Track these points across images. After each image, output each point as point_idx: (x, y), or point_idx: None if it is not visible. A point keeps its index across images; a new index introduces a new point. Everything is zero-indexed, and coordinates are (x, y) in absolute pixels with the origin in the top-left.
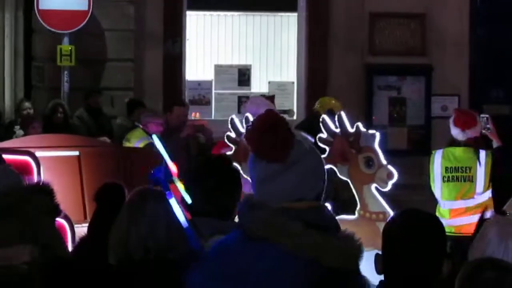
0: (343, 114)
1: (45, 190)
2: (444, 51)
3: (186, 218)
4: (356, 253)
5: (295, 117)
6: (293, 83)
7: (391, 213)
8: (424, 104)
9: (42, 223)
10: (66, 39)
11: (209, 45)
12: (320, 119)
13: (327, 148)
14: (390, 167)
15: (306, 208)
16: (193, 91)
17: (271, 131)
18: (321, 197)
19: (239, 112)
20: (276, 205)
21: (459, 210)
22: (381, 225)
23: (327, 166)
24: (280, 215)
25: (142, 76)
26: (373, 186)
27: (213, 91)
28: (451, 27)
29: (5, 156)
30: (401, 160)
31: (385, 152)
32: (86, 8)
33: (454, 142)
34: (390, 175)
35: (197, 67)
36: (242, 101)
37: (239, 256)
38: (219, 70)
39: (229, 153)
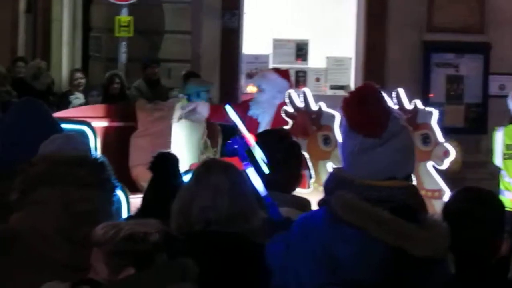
0: (401, 91)
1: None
2: (503, 29)
3: (265, 187)
4: (442, 243)
5: None
6: (350, 58)
7: (447, 191)
8: (482, 83)
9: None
10: (124, 10)
11: (267, 18)
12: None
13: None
14: (447, 144)
15: (397, 187)
16: (250, 65)
17: (369, 103)
18: (411, 177)
19: (296, 86)
20: (367, 182)
21: None
22: (437, 203)
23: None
24: (370, 196)
25: (199, 48)
26: (430, 163)
27: (271, 65)
28: (510, 6)
29: (62, 125)
30: (457, 138)
31: (442, 129)
32: None
33: None
34: (446, 153)
35: (255, 40)
36: (299, 75)
37: (326, 236)
38: (277, 44)
39: (286, 127)
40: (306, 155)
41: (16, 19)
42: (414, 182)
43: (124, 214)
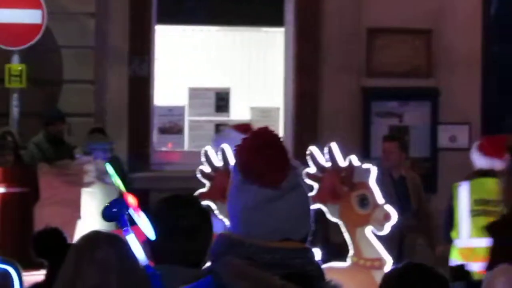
0: (334, 145)
1: None
2: (453, 72)
3: (147, 257)
4: None
5: None
6: (278, 109)
7: (389, 260)
8: (430, 134)
9: None
10: (15, 57)
11: (182, 65)
12: (307, 151)
13: (316, 185)
14: (388, 206)
15: (292, 249)
16: (163, 118)
17: (266, 148)
18: (308, 238)
19: None
20: (259, 243)
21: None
22: (377, 274)
23: (315, 206)
24: (262, 259)
25: (104, 100)
26: (368, 228)
27: (186, 118)
28: (460, 45)
29: None
30: None
31: None
32: (39, 21)
33: (482, 173)
34: (387, 216)
35: (168, 90)
36: (219, 129)
37: None
38: (194, 93)
39: (203, 190)
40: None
41: None
42: (351, 251)
43: None
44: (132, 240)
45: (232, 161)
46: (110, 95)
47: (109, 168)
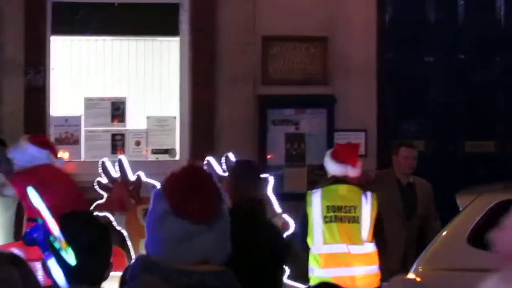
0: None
1: None
2: (349, 79)
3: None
4: None
5: (177, 157)
6: (175, 118)
7: None
8: (326, 141)
9: None
10: None
11: (78, 75)
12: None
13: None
14: (285, 216)
15: (210, 271)
16: (59, 128)
17: (200, 191)
18: (224, 261)
19: (113, 152)
20: (176, 266)
21: (343, 256)
22: None
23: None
24: (179, 282)
25: (0, 110)
26: None
27: (83, 128)
28: (356, 53)
29: None
30: (300, 205)
31: (281, 196)
32: None
33: (335, 180)
34: (286, 225)
35: (64, 100)
36: (116, 139)
37: None
38: (89, 103)
39: (100, 201)
40: (125, 232)
41: None
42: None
43: None
44: (53, 265)
45: (130, 174)
46: (5, 105)
47: (33, 193)
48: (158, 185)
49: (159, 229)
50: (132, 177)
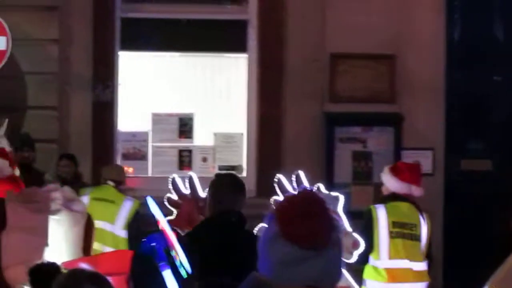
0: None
1: None
2: (416, 98)
3: None
4: None
5: (244, 174)
6: (242, 134)
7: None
8: (393, 159)
9: None
10: None
11: (145, 90)
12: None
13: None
14: (355, 234)
15: None
16: (126, 144)
17: (311, 217)
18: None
19: (180, 168)
20: None
21: (406, 272)
22: None
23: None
24: None
25: (68, 126)
26: None
27: (150, 143)
28: (424, 71)
29: None
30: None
31: (348, 214)
32: (3, 47)
33: (396, 197)
34: (356, 244)
35: (132, 116)
36: (183, 155)
37: None
38: (157, 119)
39: (170, 217)
40: None
41: None
42: None
43: None
44: (168, 276)
45: (200, 190)
46: (73, 121)
47: (152, 203)
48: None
49: (269, 251)
50: (202, 193)
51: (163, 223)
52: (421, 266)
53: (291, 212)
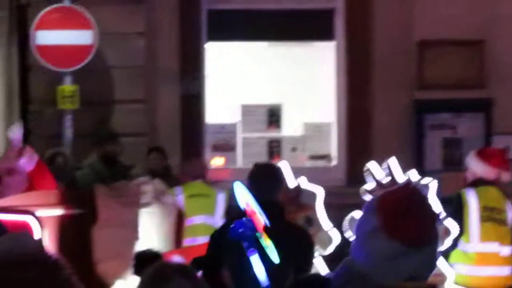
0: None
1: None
2: (506, 83)
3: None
4: None
5: (334, 163)
6: (331, 123)
7: (451, 274)
8: (484, 145)
9: None
10: (68, 79)
11: (233, 81)
12: (365, 167)
13: None
14: (447, 222)
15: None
16: (215, 135)
17: (415, 214)
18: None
19: (270, 158)
20: (385, 283)
21: (495, 256)
22: None
23: None
24: None
25: (156, 119)
26: None
27: (239, 134)
28: None
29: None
30: None
31: (440, 201)
32: (90, 42)
33: (484, 181)
34: (447, 232)
35: (220, 107)
36: (272, 145)
37: None
38: (246, 110)
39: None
40: None
41: None
42: None
43: None
44: (256, 261)
45: (290, 180)
46: (162, 113)
47: (239, 186)
48: (317, 192)
49: (366, 242)
50: (292, 183)
51: (253, 206)
52: (508, 250)
53: (394, 208)
